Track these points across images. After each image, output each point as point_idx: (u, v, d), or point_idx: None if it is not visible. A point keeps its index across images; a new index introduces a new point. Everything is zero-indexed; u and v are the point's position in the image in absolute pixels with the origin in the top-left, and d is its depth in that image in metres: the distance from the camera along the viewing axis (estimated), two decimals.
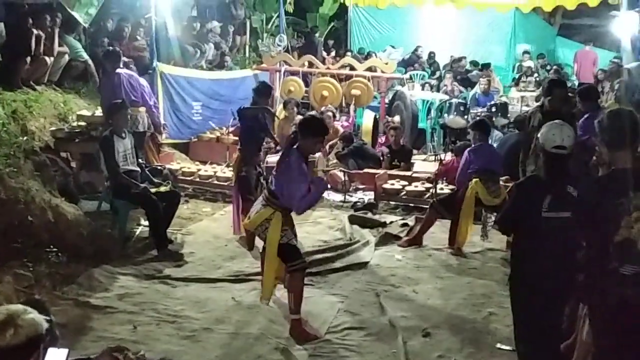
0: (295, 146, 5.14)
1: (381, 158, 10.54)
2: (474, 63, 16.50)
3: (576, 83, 15.50)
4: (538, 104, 8.22)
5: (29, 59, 8.86)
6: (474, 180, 7.14)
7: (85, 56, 10.16)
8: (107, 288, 5.98)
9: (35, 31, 8.83)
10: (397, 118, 12.17)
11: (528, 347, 4.23)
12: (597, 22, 18.70)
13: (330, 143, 10.57)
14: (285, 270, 5.29)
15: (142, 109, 8.75)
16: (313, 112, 9.70)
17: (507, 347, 4.95)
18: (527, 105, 14.09)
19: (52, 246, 6.28)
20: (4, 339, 2.40)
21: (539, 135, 4.18)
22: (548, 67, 16.62)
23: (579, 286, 3.70)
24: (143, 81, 9.10)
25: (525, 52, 17.74)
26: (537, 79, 15.84)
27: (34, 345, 2.49)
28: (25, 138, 7.67)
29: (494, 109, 12.25)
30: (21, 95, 8.60)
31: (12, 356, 2.43)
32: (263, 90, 7.76)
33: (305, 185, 5.09)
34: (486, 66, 15.44)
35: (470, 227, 7.35)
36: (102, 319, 5.32)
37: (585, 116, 7.19)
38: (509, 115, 12.49)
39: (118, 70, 8.62)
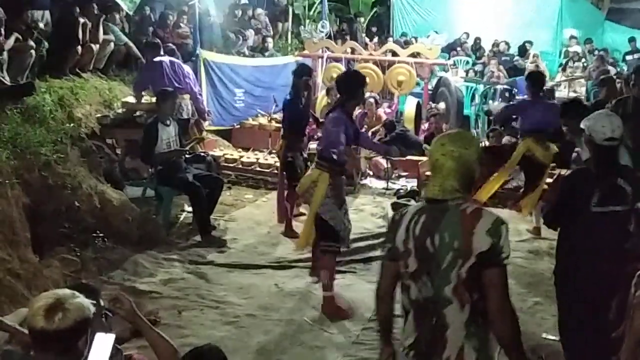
0: (334, 108, 5.31)
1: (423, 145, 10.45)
2: (521, 50, 16.18)
3: (625, 68, 15.09)
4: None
5: (79, 48, 8.96)
6: (526, 138, 7.08)
7: (124, 39, 10.23)
8: (152, 273, 6.07)
9: (82, 20, 8.94)
10: (442, 105, 12.03)
11: (575, 339, 4.15)
12: None
13: (373, 130, 10.50)
14: (318, 246, 5.31)
15: (187, 96, 8.80)
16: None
17: (553, 337, 4.86)
18: (575, 92, 13.82)
19: (98, 231, 6.38)
20: (53, 322, 2.44)
21: (584, 127, 4.04)
22: (596, 53, 16.23)
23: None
24: (187, 68, 9.17)
25: (572, 36, 17.36)
26: (585, 64, 15.49)
27: (82, 328, 2.52)
28: (71, 125, 7.78)
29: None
30: (68, 83, 8.71)
31: (61, 339, 2.47)
32: (302, 71, 7.54)
33: (343, 135, 5.13)
34: (524, 48, 15.18)
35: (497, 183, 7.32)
36: (148, 304, 5.38)
37: None
38: (555, 101, 12.23)
39: (159, 58, 8.68)
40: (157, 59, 8.77)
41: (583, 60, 16.02)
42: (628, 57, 16.24)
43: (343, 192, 5.43)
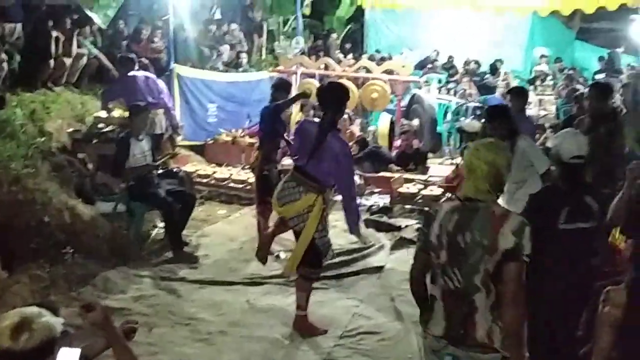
0: (325, 124, 5.00)
1: (396, 162, 10.53)
2: (492, 68, 16.41)
3: None
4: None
5: (52, 61, 8.91)
6: None
7: (95, 51, 10.19)
8: (123, 290, 6.02)
9: (55, 33, 8.89)
10: (415, 122, 12.12)
11: (544, 356, 4.19)
12: (616, 25, 18.50)
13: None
14: (299, 271, 5.27)
15: (160, 111, 8.78)
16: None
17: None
18: (545, 110, 14.02)
19: (68, 247, 6.32)
20: (19, 343, 2.41)
21: (552, 145, 4.11)
22: (565, 71, 16.50)
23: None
24: (161, 83, 9.15)
25: (543, 55, 17.64)
26: (555, 83, 15.74)
27: (49, 348, 2.49)
28: (43, 139, 7.72)
29: None
30: (39, 97, 8.66)
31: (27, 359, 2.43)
32: (281, 86, 7.39)
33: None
34: (495, 66, 15.45)
35: None
36: (118, 320, 5.31)
37: None
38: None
39: (133, 73, 8.65)
40: (131, 73, 8.75)
41: (550, 78, 16.28)
42: (598, 76, 16.52)
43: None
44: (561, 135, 4.12)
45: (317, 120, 5.26)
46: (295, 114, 10.80)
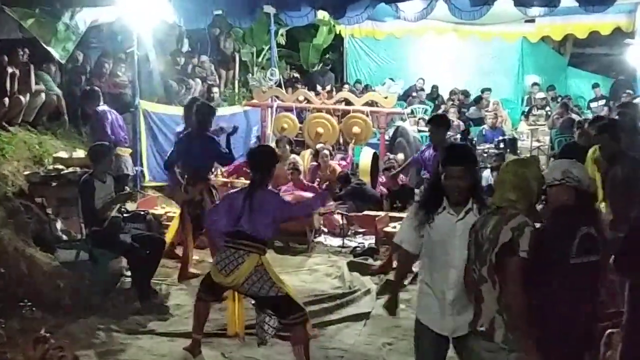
0: (256, 185, 5.47)
1: (381, 199, 10.59)
2: (477, 100, 16.63)
3: (590, 116, 15.59)
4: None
5: (6, 99, 8.93)
6: None
7: (57, 90, 10.25)
8: (87, 344, 5.96)
9: (10, 69, 8.92)
10: (400, 156, 12.21)
11: None
12: (610, 50, 18.90)
13: (327, 184, 10.61)
14: (287, 324, 5.30)
15: (128, 150, 8.80)
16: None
17: None
18: (538, 141, 14.20)
19: (26, 300, 6.26)
20: None
21: (569, 174, 4.16)
22: (559, 100, 16.74)
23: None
24: (120, 117, 9.24)
25: (535, 83, 17.91)
26: (548, 112, 15.96)
27: None
28: None
29: (502, 145, 12.34)
30: None
31: None
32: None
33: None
34: (479, 97, 15.72)
35: None
36: None
37: None
38: (518, 151, 12.58)
39: (102, 108, 8.70)
40: (99, 108, 8.77)
41: (547, 108, 16.50)
42: (593, 105, 16.79)
43: None
44: (579, 166, 4.13)
45: (240, 189, 5.84)
46: (307, 158, 10.96)
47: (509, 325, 3.55)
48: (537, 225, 3.71)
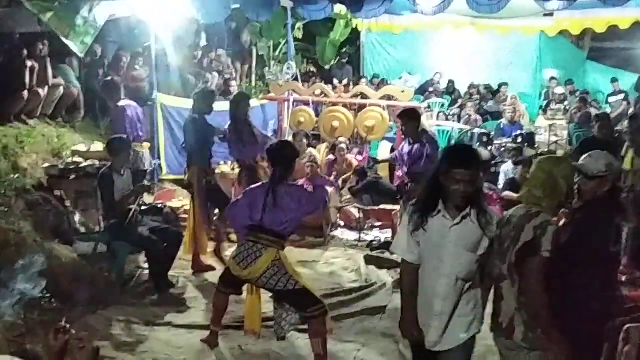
0: (276, 179, 5.45)
1: (397, 194, 10.56)
2: (488, 88, 16.58)
3: (608, 110, 15.50)
4: None
5: (25, 93, 8.98)
6: None
7: (76, 83, 10.30)
8: (105, 336, 6.00)
9: (29, 63, 8.97)
10: None
11: None
12: (629, 45, 18.76)
13: (344, 177, 10.61)
14: (306, 317, 5.31)
15: (147, 145, 8.82)
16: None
17: None
18: (556, 135, 14.12)
19: (45, 292, 6.30)
20: None
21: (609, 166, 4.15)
22: (577, 94, 16.65)
23: None
24: (142, 111, 9.25)
25: (553, 77, 17.81)
26: (567, 106, 15.86)
27: None
28: (16, 176, 7.75)
29: (520, 139, 12.28)
30: (12, 130, 8.70)
31: None
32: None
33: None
34: (497, 90, 15.59)
35: None
36: None
37: None
38: (536, 145, 12.51)
39: (123, 103, 8.73)
40: (121, 103, 8.80)
41: (566, 102, 16.40)
42: (611, 99, 16.67)
43: None
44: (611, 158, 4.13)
45: (260, 184, 5.75)
46: (323, 151, 10.96)
47: (529, 323, 3.54)
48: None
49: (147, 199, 8.78)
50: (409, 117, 7.96)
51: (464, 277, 3.73)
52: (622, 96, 16.41)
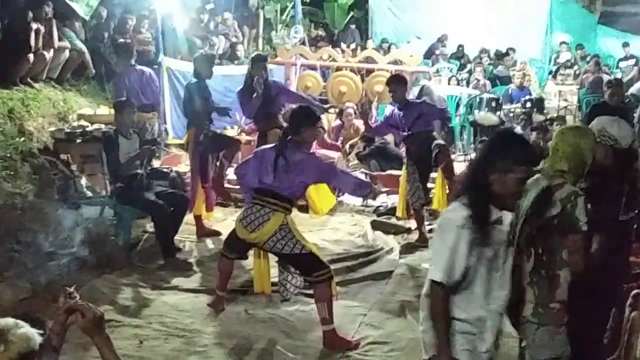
0: (284, 144, 5.34)
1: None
2: (498, 53, 16.45)
3: (619, 75, 15.35)
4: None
5: (31, 55, 8.92)
6: None
7: (81, 45, 10.22)
8: (111, 300, 6.01)
9: (34, 25, 8.91)
10: None
11: None
12: None
13: (351, 142, 10.57)
14: (311, 282, 5.31)
15: (151, 115, 8.77)
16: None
17: None
18: (565, 100, 14.00)
19: (51, 255, 6.32)
20: None
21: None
22: (588, 59, 16.49)
23: None
24: (154, 76, 9.17)
25: (563, 42, 17.63)
26: (577, 71, 15.71)
27: None
28: (22, 139, 7.74)
29: (529, 105, 12.17)
30: (18, 94, 8.67)
31: None
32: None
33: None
34: (505, 54, 15.47)
35: None
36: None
37: None
38: (545, 111, 12.41)
39: (138, 67, 8.69)
40: (132, 67, 8.75)
41: (575, 67, 16.25)
42: (622, 64, 16.51)
43: None
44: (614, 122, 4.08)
45: (272, 145, 5.60)
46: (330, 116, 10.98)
47: (549, 298, 3.41)
48: None
49: (154, 163, 8.76)
50: (399, 82, 7.90)
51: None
52: (633, 61, 16.23)
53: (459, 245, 3.05)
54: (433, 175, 8.04)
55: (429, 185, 8.10)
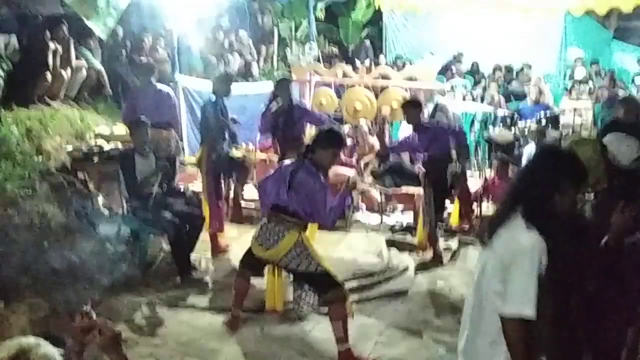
0: (305, 159, 5.34)
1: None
2: (510, 70, 16.45)
3: (634, 91, 15.29)
4: None
5: (49, 74, 9.02)
6: None
7: (98, 64, 10.32)
8: (128, 318, 6.05)
9: (52, 44, 9.01)
10: None
11: None
12: None
13: (366, 160, 10.57)
14: (326, 300, 5.32)
15: (166, 133, 8.83)
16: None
17: None
18: (580, 116, 13.95)
19: (68, 274, 6.36)
20: None
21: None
22: (603, 74, 16.43)
23: None
24: (172, 94, 9.26)
25: (578, 58, 17.59)
26: (591, 87, 15.66)
27: None
28: (40, 158, 7.79)
29: (543, 122, 12.15)
30: (36, 113, 8.74)
31: None
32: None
33: (329, 196, 5.25)
34: (520, 70, 15.47)
35: None
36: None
37: None
38: (560, 127, 12.38)
39: (158, 87, 8.81)
40: (151, 85, 8.86)
41: (590, 83, 16.19)
42: (637, 79, 16.42)
43: None
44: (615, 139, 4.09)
45: (293, 161, 5.57)
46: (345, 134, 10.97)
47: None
48: None
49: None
50: (414, 106, 8.13)
51: None
52: None
53: (532, 275, 2.90)
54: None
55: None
